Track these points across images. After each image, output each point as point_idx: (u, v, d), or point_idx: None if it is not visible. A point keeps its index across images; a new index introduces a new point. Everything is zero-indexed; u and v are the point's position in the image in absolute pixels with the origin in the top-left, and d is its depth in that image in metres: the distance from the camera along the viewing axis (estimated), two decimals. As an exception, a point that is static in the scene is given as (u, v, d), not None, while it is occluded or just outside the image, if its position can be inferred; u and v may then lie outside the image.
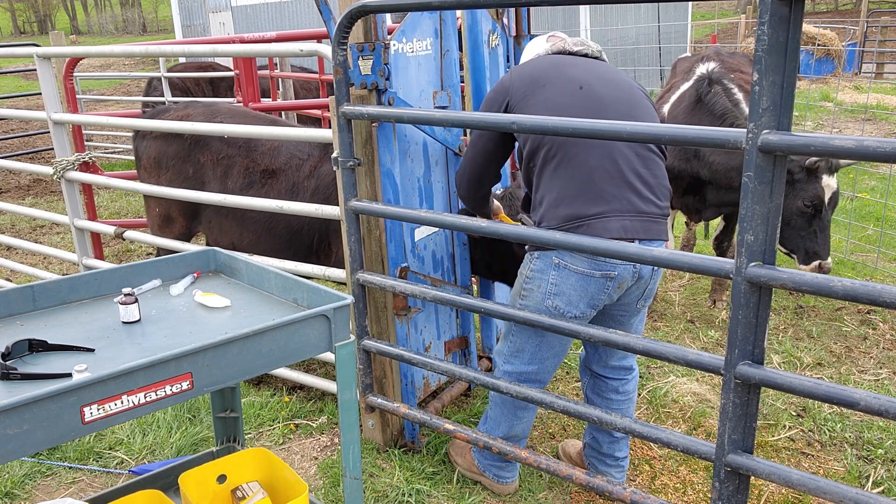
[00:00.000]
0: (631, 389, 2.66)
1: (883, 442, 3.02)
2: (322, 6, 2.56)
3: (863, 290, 1.53)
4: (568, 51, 2.53)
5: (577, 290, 2.29)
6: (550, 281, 2.31)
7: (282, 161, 3.38)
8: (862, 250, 5.39)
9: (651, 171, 2.31)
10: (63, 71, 4.18)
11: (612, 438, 2.64)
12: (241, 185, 3.40)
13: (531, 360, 2.50)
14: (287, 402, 3.39)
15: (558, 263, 2.28)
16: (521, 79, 2.40)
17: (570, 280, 2.28)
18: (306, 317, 1.77)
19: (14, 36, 47.95)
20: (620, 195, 2.23)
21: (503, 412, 2.62)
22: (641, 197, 2.26)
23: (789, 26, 1.54)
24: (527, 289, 2.38)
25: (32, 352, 1.71)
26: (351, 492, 2.02)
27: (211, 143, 3.49)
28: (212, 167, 3.48)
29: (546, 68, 2.41)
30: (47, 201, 7.95)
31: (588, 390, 2.71)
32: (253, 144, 3.43)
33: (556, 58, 2.48)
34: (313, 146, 3.38)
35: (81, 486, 2.86)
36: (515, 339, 2.50)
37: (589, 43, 2.54)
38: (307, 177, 3.30)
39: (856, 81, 14.04)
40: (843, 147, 1.51)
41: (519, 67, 2.49)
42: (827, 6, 34.99)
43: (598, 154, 2.24)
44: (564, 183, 2.25)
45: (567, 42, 2.56)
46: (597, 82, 2.34)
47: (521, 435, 2.67)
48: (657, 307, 4.52)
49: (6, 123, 12.85)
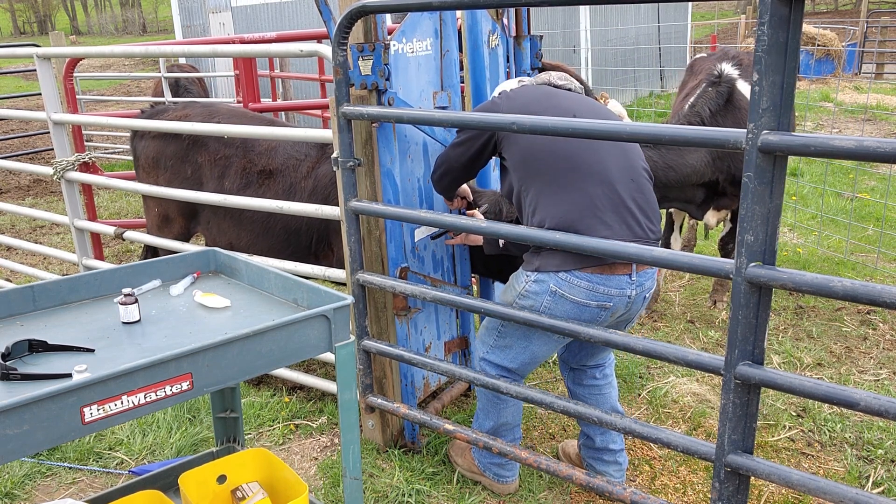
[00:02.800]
0: (609, 373, 2.74)
1: (883, 442, 3.02)
2: (322, 6, 2.56)
3: (863, 290, 1.53)
4: (553, 84, 2.57)
5: (571, 315, 2.30)
6: (544, 304, 2.32)
7: (279, 161, 3.37)
8: (862, 250, 5.39)
9: (645, 196, 2.36)
10: (63, 71, 4.18)
11: (601, 430, 2.66)
12: (238, 185, 3.40)
13: (514, 360, 2.53)
14: (287, 403, 3.39)
15: (555, 292, 2.29)
16: (512, 107, 2.40)
17: (565, 307, 2.30)
18: (306, 317, 1.77)
19: (14, 36, 47.97)
20: (620, 221, 2.26)
21: (488, 400, 2.65)
22: (638, 223, 2.30)
23: (789, 26, 1.54)
24: (518, 304, 2.39)
25: (32, 352, 1.71)
26: (351, 492, 2.02)
27: (209, 144, 3.49)
28: (209, 167, 3.48)
29: (539, 97, 2.44)
30: (47, 201, 7.95)
31: (569, 382, 2.79)
32: (250, 144, 3.43)
33: (544, 88, 2.52)
34: (310, 146, 3.38)
35: (81, 486, 2.86)
36: (504, 335, 2.52)
37: (571, 80, 2.60)
38: (304, 177, 3.30)
39: (856, 82, 14.05)
40: (843, 147, 1.51)
41: (507, 94, 2.50)
42: (827, 6, 34.99)
43: (598, 180, 2.27)
44: (567, 207, 2.26)
45: (552, 76, 2.59)
46: (587, 113, 2.39)
47: (513, 422, 2.69)
48: (657, 307, 4.52)
49: (6, 124, 12.85)
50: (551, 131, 2.10)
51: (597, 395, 2.72)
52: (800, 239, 5.76)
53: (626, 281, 2.27)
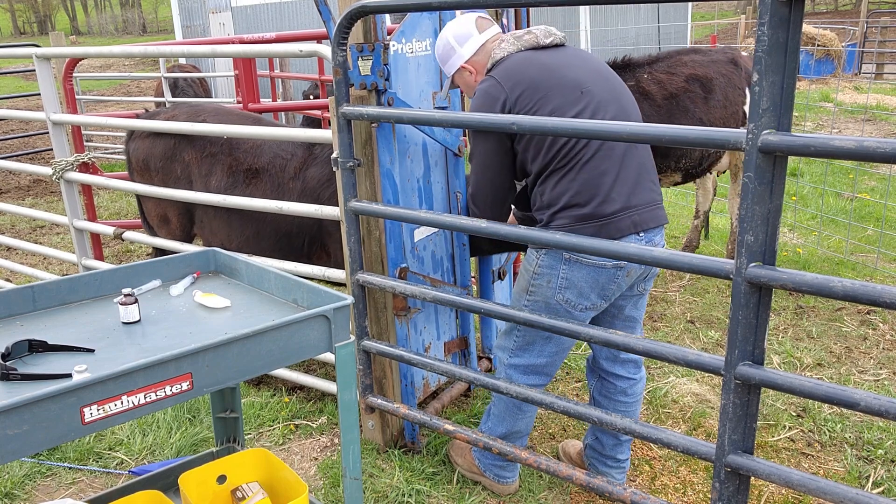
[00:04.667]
0: (639, 392, 2.66)
1: (883, 442, 3.02)
2: (322, 7, 2.55)
3: (863, 290, 1.53)
4: (541, 44, 2.43)
5: (589, 281, 2.31)
6: (561, 275, 2.33)
7: (265, 160, 3.32)
8: (862, 250, 5.39)
9: (648, 164, 2.40)
10: (63, 71, 4.18)
11: (616, 441, 2.64)
12: (225, 184, 3.37)
13: (541, 354, 2.51)
14: (287, 403, 3.39)
15: (569, 258, 2.31)
16: (517, 87, 2.31)
17: (582, 272, 2.31)
18: (306, 317, 1.77)
19: (14, 36, 47.96)
20: (629, 192, 2.29)
21: (507, 408, 2.62)
22: (645, 188, 2.34)
23: (789, 27, 1.54)
24: (535, 284, 2.39)
25: (32, 352, 1.71)
26: (351, 492, 2.02)
27: (195, 141, 3.49)
28: (196, 166, 3.47)
29: (539, 73, 2.33)
30: (47, 202, 7.95)
31: (595, 392, 2.70)
32: (235, 143, 3.40)
33: (541, 58, 2.38)
34: (297, 145, 3.32)
35: (81, 486, 2.86)
36: (523, 334, 2.51)
37: (553, 30, 2.49)
38: (292, 178, 3.26)
39: (856, 82, 14.05)
40: (844, 147, 1.51)
41: (506, 74, 2.34)
42: (827, 6, 34.99)
43: (605, 156, 2.28)
44: (578, 186, 2.27)
45: (538, 35, 2.44)
46: (589, 79, 2.35)
47: (525, 430, 2.67)
48: (657, 307, 4.52)
49: (6, 124, 12.85)
50: (551, 132, 2.10)
51: (622, 411, 2.63)
52: (800, 239, 5.76)
53: (635, 238, 2.30)
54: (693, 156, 4.40)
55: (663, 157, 4.28)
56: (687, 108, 4.21)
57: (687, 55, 4.43)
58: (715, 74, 4.29)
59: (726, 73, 4.32)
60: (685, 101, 4.22)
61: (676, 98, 4.21)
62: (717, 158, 4.55)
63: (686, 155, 4.38)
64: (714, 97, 4.25)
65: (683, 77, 4.25)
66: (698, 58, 4.39)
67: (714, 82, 4.28)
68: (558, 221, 2.31)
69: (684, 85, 4.23)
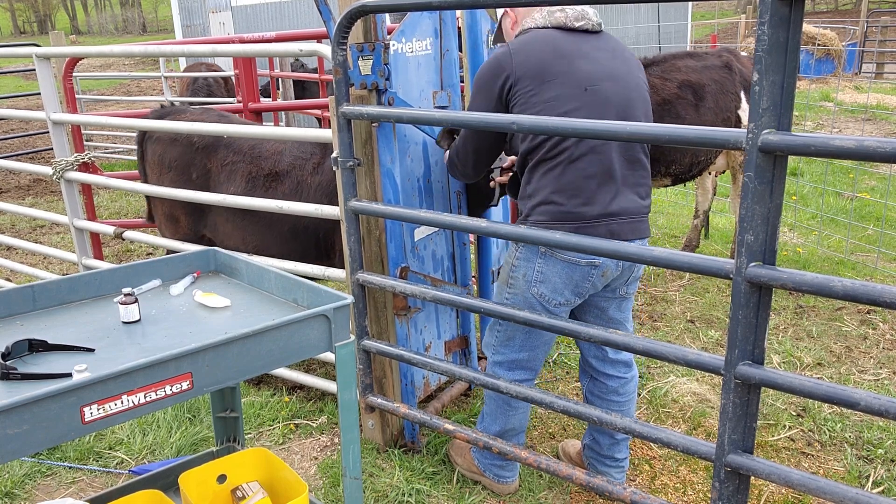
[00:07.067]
0: (631, 390, 2.66)
1: (883, 442, 3.02)
2: (322, 6, 2.55)
3: (863, 290, 1.53)
4: (568, 26, 2.36)
5: (562, 277, 2.33)
6: (536, 269, 2.35)
7: (285, 164, 3.36)
8: (862, 250, 5.39)
9: (639, 173, 2.37)
10: (63, 71, 4.18)
11: (612, 441, 2.64)
12: (243, 190, 3.39)
13: (522, 348, 2.52)
14: (287, 402, 3.39)
15: (544, 252, 2.32)
16: (524, 65, 2.28)
17: (556, 267, 2.32)
18: (306, 317, 1.77)
19: (14, 36, 47.96)
20: (610, 200, 2.28)
21: (498, 406, 2.63)
22: (629, 198, 2.32)
23: (789, 26, 1.54)
24: (513, 277, 2.42)
25: (32, 352, 1.71)
26: (351, 492, 2.02)
27: (218, 150, 3.49)
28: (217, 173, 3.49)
29: (553, 57, 2.28)
30: (47, 201, 7.95)
31: (588, 393, 2.71)
32: (257, 151, 3.43)
33: (561, 42, 2.31)
34: (314, 145, 3.37)
35: (81, 486, 2.86)
36: (504, 328, 2.52)
37: (589, 15, 2.38)
38: (311, 173, 3.29)
39: (856, 81, 14.05)
40: (844, 147, 1.51)
41: (521, 48, 2.30)
42: (827, 6, 34.98)
43: (594, 160, 2.26)
44: (561, 183, 2.27)
45: (568, 16, 2.36)
46: (604, 76, 2.30)
47: (519, 427, 2.68)
48: (657, 307, 4.52)
49: (6, 123, 12.85)
50: (552, 132, 2.10)
51: (616, 410, 2.64)
52: (800, 239, 5.76)
53: None
54: (683, 162, 4.42)
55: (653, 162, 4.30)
56: (679, 115, 4.26)
57: (682, 60, 4.45)
58: (707, 81, 4.33)
59: (719, 80, 4.36)
60: (677, 108, 4.26)
61: (670, 104, 4.25)
62: (708, 164, 4.57)
63: (676, 162, 4.40)
64: (705, 104, 4.30)
65: (677, 83, 4.28)
66: (692, 63, 4.41)
67: (706, 89, 4.32)
68: (536, 216, 2.32)
69: (677, 91, 4.27)
